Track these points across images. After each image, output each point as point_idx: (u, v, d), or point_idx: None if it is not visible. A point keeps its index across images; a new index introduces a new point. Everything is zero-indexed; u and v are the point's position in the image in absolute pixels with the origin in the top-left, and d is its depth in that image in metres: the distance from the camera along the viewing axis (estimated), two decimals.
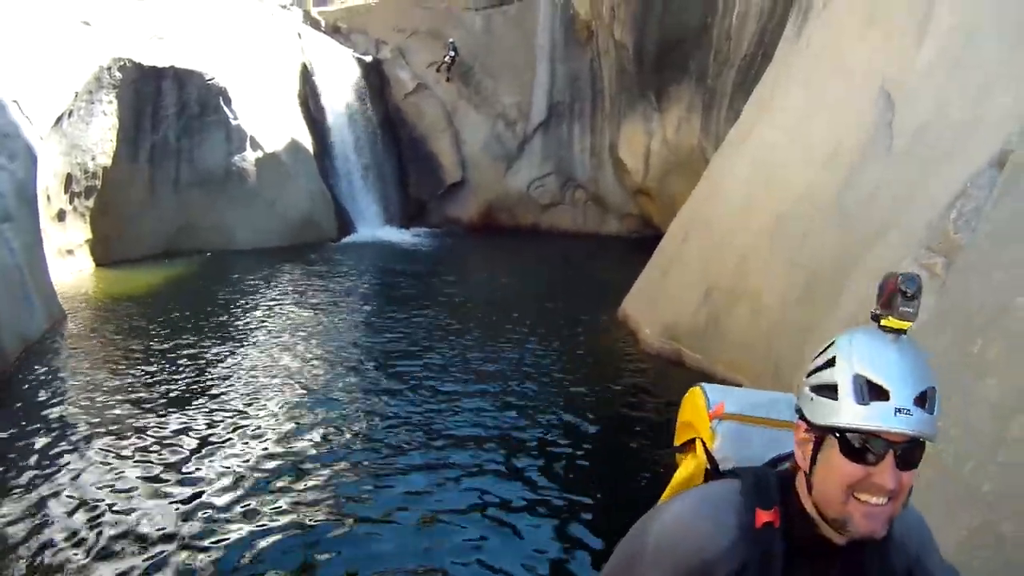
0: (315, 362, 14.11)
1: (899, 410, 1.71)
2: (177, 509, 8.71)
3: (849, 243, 9.95)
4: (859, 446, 1.76)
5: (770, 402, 2.33)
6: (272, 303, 18.76)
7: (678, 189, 23.73)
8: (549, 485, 9.39)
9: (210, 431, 10.87)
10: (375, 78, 32.64)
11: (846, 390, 1.77)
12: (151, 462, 9.87)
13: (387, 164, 32.64)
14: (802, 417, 1.90)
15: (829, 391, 1.81)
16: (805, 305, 10.40)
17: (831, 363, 1.83)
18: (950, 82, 9.09)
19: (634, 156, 28.09)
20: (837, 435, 1.78)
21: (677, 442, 2.50)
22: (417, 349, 15.09)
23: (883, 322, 1.82)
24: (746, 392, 2.40)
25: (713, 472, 2.23)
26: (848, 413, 1.76)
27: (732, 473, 2.06)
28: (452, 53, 31.62)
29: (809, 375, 1.90)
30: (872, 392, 1.74)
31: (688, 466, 2.36)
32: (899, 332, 1.80)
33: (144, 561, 7.67)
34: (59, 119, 20.05)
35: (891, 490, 1.76)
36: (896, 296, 1.79)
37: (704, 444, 2.28)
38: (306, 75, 30.19)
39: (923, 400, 1.74)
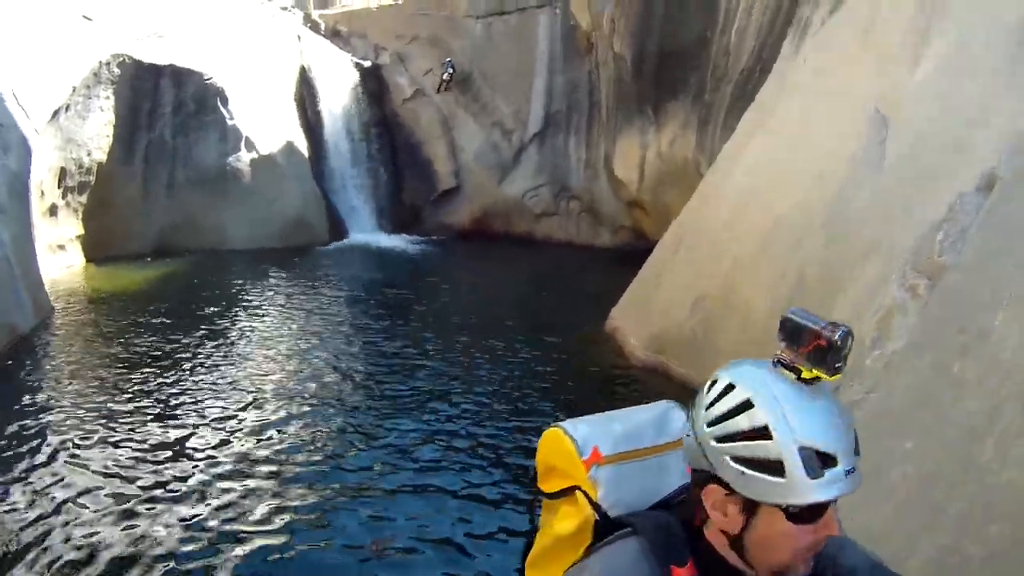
0: (301, 366, 14.12)
1: (848, 471, 1.65)
2: (158, 505, 8.72)
3: (838, 259, 9.98)
4: (809, 512, 1.67)
5: (653, 422, 2.18)
6: (261, 305, 18.76)
7: (672, 202, 23.72)
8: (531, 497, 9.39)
9: (193, 429, 10.90)
10: (373, 83, 32.65)
11: (795, 467, 1.63)
12: (135, 457, 9.88)
13: (382, 169, 32.63)
14: (714, 480, 1.75)
15: (770, 469, 1.65)
16: None
17: (763, 434, 1.66)
18: (943, 105, 9.12)
19: (629, 168, 28.09)
20: (784, 507, 1.67)
21: (548, 488, 2.16)
22: (405, 357, 15.08)
23: (807, 375, 1.70)
24: (610, 420, 2.17)
25: (603, 525, 2.00)
26: (801, 491, 1.64)
27: (627, 526, 1.91)
28: (450, 71, 31.64)
29: (723, 440, 1.72)
30: (821, 461, 1.63)
31: (569, 517, 2.07)
32: (814, 381, 1.70)
33: (124, 555, 7.67)
34: (56, 113, 20.06)
35: (837, 534, 1.72)
36: (829, 351, 1.67)
37: (587, 495, 2.04)
38: (304, 78, 30.23)
39: (856, 446, 1.69)
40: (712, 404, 1.76)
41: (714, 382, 1.80)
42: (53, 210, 21.04)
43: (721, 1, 23.04)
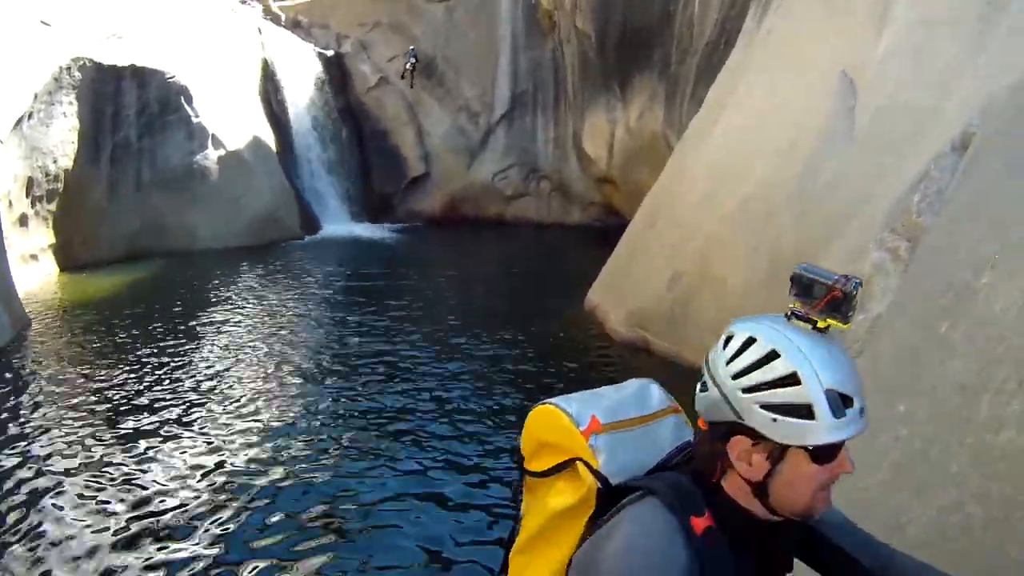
0: (282, 362, 14.08)
1: (862, 409, 1.75)
2: (137, 515, 8.68)
3: (813, 228, 10.03)
4: (830, 451, 1.76)
5: (634, 397, 2.21)
6: (237, 303, 18.70)
7: (642, 177, 23.76)
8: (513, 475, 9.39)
9: (174, 435, 10.84)
10: (337, 72, 32.62)
11: (822, 409, 1.72)
12: (115, 467, 9.83)
13: (350, 159, 32.62)
14: (739, 430, 1.82)
15: (801, 412, 1.74)
16: (770, 289, 10.46)
17: (792, 380, 1.75)
18: (911, 70, 9.16)
19: (598, 145, 28.13)
20: (809, 448, 1.76)
21: (538, 467, 2.14)
22: (384, 344, 15.08)
23: (821, 324, 1.80)
24: (600, 395, 2.20)
25: (606, 493, 2.00)
26: (829, 431, 1.73)
27: (635, 489, 1.93)
28: (413, 59, 31.65)
29: (751, 390, 1.79)
30: (844, 402, 1.73)
31: (567, 492, 2.06)
32: (827, 330, 1.81)
33: (106, 565, 7.66)
34: (19, 121, 19.87)
35: (851, 470, 1.81)
36: (844, 301, 1.78)
37: (588, 465, 2.02)
38: (267, 71, 30.09)
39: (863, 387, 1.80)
40: (734, 357, 1.83)
41: (730, 337, 1.86)
42: (23, 220, 20.87)
43: None
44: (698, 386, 1.90)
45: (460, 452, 10.24)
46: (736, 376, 1.81)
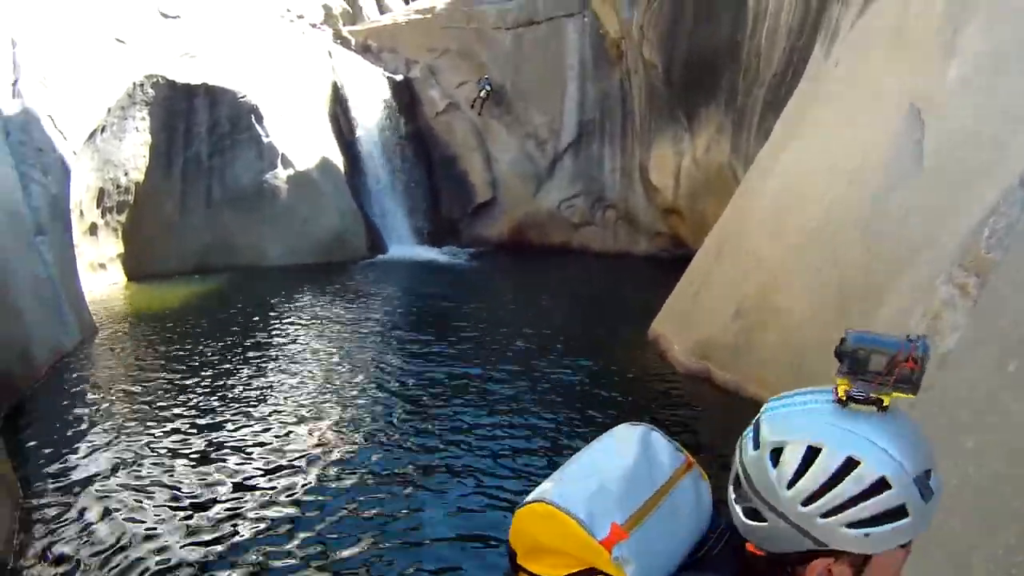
0: (345, 382, 14.10)
1: (932, 472, 1.56)
2: (199, 522, 8.75)
3: (880, 262, 9.92)
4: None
5: (642, 462, 1.83)
6: (301, 321, 18.81)
7: (708, 208, 23.67)
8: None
9: (234, 448, 10.90)
10: (405, 97, 32.75)
11: (915, 504, 1.52)
12: (175, 476, 9.91)
13: (418, 182, 32.74)
14: (820, 554, 1.58)
15: (894, 516, 1.52)
16: (837, 324, 10.33)
17: (881, 487, 1.50)
18: (979, 102, 9.06)
19: (664, 175, 28.02)
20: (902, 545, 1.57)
21: (544, 572, 1.76)
22: (443, 367, 15.07)
23: (888, 398, 1.55)
24: (600, 471, 1.80)
25: None
26: (924, 520, 1.54)
27: None
28: (487, 88, 31.69)
29: (832, 513, 1.53)
30: (928, 479, 1.54)
31: None
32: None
33: (165, 570, 7.71)
34: (92, 134, 20.23)
35: None
36: (917, 370, 1.54)
37: None
38: (337, 93, 30.32)
39: None
40: (797, 478, 1.56)
41: (778, 450, 1.59)
42: (93, 229, 21.23)
43: (749, 3, 22.92)
44: (739, 509, 1.66)
45: (514, 479, 10.20)
46: (808, 501, 1.55)
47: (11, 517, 8.47)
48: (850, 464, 1.51)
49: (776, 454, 1.57)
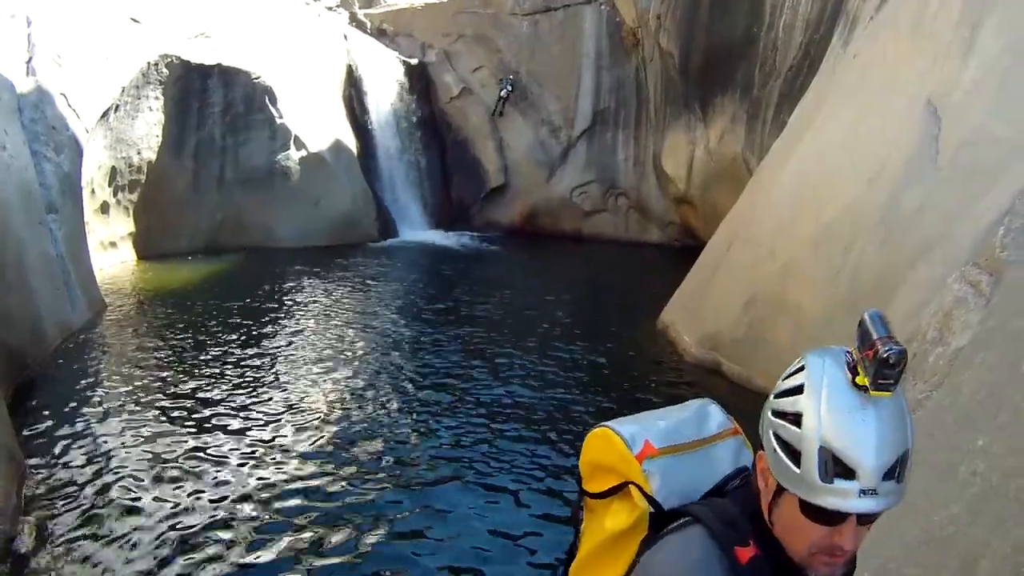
0: (353, 366, 14.11)
1: (864, 491, 1.63)
2: (208, 501, 8.77)
3: (893, 258, 9.88)
4: (822, 513, 1.68)
5: (693, 418, 2.20)
6: (309, 303, 18.84)
7: (720, 199, 23.64)
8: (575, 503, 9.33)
9: (241, 428, 10.94)
10: (420, 81, 32.72)
11: (809, 462, 1.66)
12: (182, 454, 9.94)
13: (430, 167, 32.77)
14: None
15: (791, 454, 1.70)
16: (848, 318, 10.29)
17: (795, 420, 1.70)
18: (996, 100, 9.00)
19: (677, 165, 27.98)
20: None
21: (595, 488, 2.18)
22: (459, 354, 15.09)
23: (860, 380, 1.67)
24: (658, 416, 2.21)
25: (659, 516, 2.01)
26: (808, 487, 1.67)
27: (685, 515, 1.93)
28: (509, 88, 31.69)
29: (775, 415, 1.77)
30: (837, 469, 1.64)
31: (622, 514, 2.08)
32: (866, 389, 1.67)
33: (177, 553, 7.72)
34: (105, 113, 20.23)
35: (851, 550, 1.72)
36: (877, 363, 1.62)
37: (641, 489, 2.04)
38: (351, 76, 30.29)
39: (893, 471, 1.65)
40: (785, 378, 1.79)
41: (800, 359, 1.80)
42: (104, 208, 21.25)
43: None
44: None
45: (523, 467, 10.19)
46: (776, 396, 1.80)
47: (17, 493, 8.48)
48: (799, 389, 1.74)
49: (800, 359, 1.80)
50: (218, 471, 9.55)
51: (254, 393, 12.32)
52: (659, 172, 29.54)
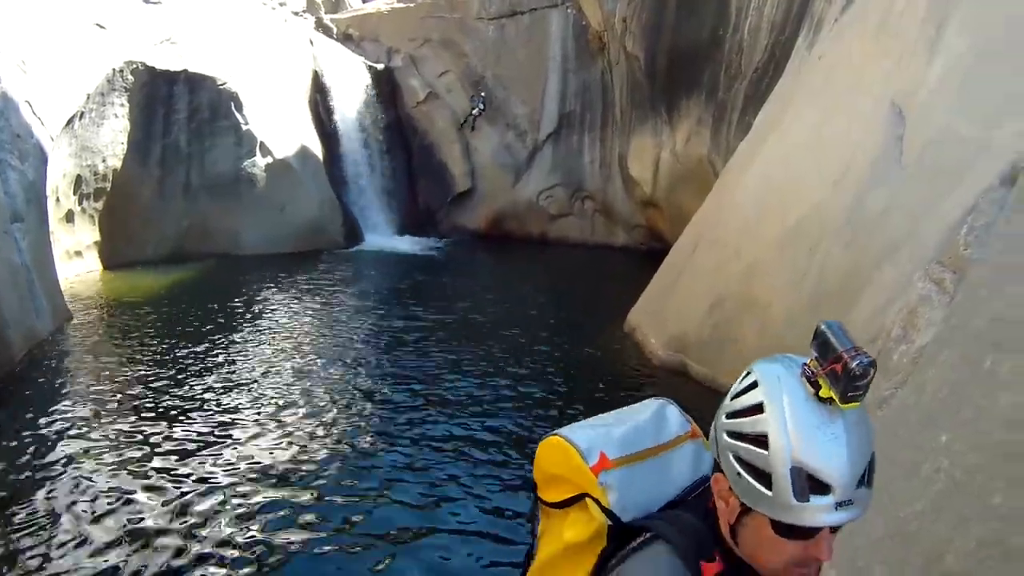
0: (318, 373, 14.08)
1: (839, 504, 1.59)
2: (175, 511, 8.74)
3: (859, 258, 9.94)
4: (796, 531, 1.64)
5: (650, 422, 2.14)
6: (276, 310, 18.79)
7: (687, 201, 23.73)
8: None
9: (210, 436, 10.90)
10: (386, 86, 32.69)
11: (782, 483, 1.60)
12: (152, 464, 9.90)
13: (397, 172, 32.73)
14: (721, 469, 1.76)
15: (759, 476, 1.64)
16: (813, 318, 10.33)
17: (762, 442, 1.64)
18: (960, 99, 9.07)
19: (643, 168, 28.09)
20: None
21: (551, 498, 2.11)
22: (418, 359, 15.09)
23: (824, 393, 1.62)
24: (614, 421, 2.15)
25: (618, 529, 1.96)
26: (784, 510, 1.62)
27: (646, 529, 1.88)
28: (480, 106, 31.82)
29: (732, 436, 1.71)
30: (812, 486, 1.59)
31: (579, 525, 2.02)
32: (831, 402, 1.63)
33: (142, 562, 7.69)
34: (70, 120, 20.09)
35: (828, 560, 1.68)
36: (844, 377, 1.57)
37: (598, 502, 1.98)
38: (317, 82, 30.24)
39: (863, 478, 1.63)
40: (735, 396, 1.74)
41: (748, 374, 1.74)
42: (70, 216, 21.10)
43: None
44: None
45: (487, 473, 10.22)
46: (728, 416, 1.74)
47: None
48: (758, 408, 1.67)
49: (746, 376, 1.76)
50: (184, 480, 9.52)
51: (218, 402, 12.26)
52: (625, 175, 29.65)
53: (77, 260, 21.54)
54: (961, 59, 9.36)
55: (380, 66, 32.77)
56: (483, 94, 31.78)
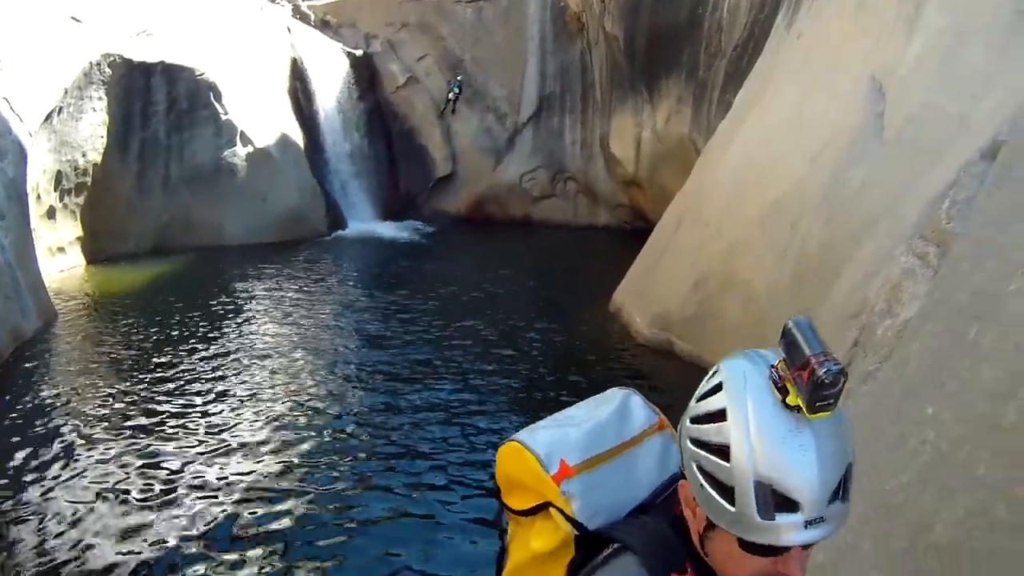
0: (305, 361, 14.11)
1: (812, 521, 1.45)
2: (161, 507, 8.76)
3: (839, 233, 9.99)
4: (762, 548, 1.50)
5: (614, 418, 1.99)
6: (261, 300, 18.78)
7: (669, 180, 23.76)
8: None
9: (198, 430, 10.91)
10: (365, 72, 32.61)
11: (745, 499, 1.47)
12: (139, 460, 9.91)
13: (377, 158, 32.68)
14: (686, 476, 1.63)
15: (722, 490, 1.51)
16: (796, 294, 10.45)
17: (722, 453, 1.50)
18: (940, 76, 9.11)
19: (625, 148, 28.09)
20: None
21: (516, 505, 1.98)
22: (405, 342, 15.14)
23: (791, 400, 1.46)
24: (574, 419, 2.00)
25: (584, 538, 1.84)
26: (747, 528, 1.49)
27: (614, 540, 1.76)
28: (457, 90, 31.85)
29: (695, 444, 1.57)
30: (778, 503, 1.46)
31: (545, 534, 1.90)
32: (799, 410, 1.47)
33: (127, 558, 7.71)
34: (49, 116, 19.98)
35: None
36: (811, 384, 1.41)
37: (561, 511, 1.85)
38: (296, 69, 30.10)
39: (838, 492, 1.48)
40: (700, 399, 1.60)
41: (715, 372, 1.60)
42: (51, 213, 21.00)
43: None
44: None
45: (474, 457, 10.26)
46: (692, 421, 1.60)
47: None
48: (721, 415, 1.52)
49: (713, 375, 1.60)
50: (171, 476, 9.54)
51: (205, 396, 12.28)
52: (607, 155, 29.64)
53: (60, 256, 21.45)
54: (941, 36, 9.39)
55: (359, 52, 32.67)
56: (460, 77, 31.75)
